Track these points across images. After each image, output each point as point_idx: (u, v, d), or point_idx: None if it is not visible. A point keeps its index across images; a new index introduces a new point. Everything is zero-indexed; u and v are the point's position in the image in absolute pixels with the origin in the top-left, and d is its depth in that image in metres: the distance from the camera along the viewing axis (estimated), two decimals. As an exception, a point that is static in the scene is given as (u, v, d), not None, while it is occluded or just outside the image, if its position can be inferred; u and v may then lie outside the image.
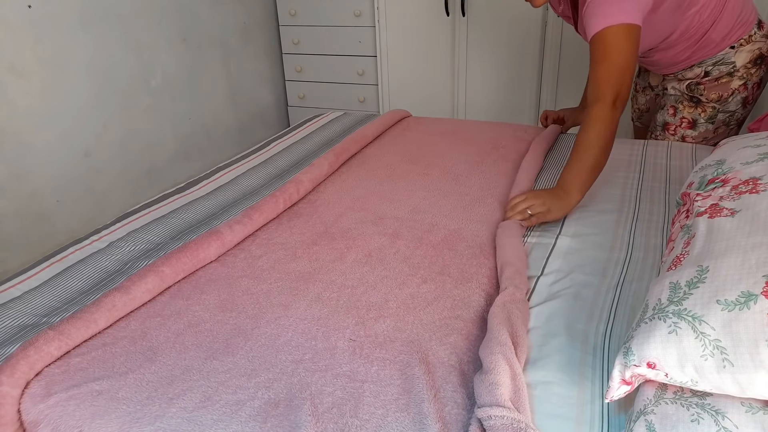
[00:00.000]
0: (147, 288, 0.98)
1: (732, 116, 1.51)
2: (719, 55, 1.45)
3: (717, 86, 1.47)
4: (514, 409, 0.70)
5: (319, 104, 3.13)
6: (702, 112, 1.50)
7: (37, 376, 0.82)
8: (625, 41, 1.23)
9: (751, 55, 1.44)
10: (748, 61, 1.44)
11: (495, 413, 0.68)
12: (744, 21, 1.44)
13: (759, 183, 0.81)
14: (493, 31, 2.59)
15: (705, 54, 1.47)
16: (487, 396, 0.71)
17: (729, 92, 1.47)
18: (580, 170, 1.21)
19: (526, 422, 0.68)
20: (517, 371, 0.76)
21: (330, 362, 0.83)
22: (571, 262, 1.07)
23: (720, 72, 1.47)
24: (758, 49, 1.44)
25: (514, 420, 0.68)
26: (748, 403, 0.64)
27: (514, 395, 0.73)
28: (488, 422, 0.68)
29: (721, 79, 1.47)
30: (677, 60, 1.52)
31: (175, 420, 0.74)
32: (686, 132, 1.53)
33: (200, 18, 2.59)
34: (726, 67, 1.46)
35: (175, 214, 1.32)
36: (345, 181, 1.48)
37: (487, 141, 1.70)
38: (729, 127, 1.54)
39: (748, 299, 0.63)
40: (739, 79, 1.46)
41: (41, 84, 1.93)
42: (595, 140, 1.22)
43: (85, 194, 2.14)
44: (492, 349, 0.79)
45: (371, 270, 1.06)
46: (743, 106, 1.51)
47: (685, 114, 1.51)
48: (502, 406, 0.69)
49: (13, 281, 1.08)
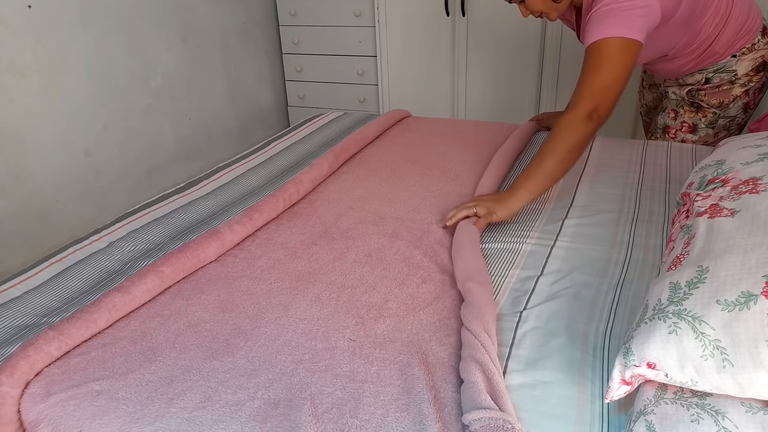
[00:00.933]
0: (147, 288, 0.98)
1: (733, 121, 1.50)
2: (721, 63, 1.44)
3: (718, 93, 1.46)
4: (494, 408, 0.69)
5: (319, 104, 3.13)
6: (703, 117, 1.48)
7: (37, 376, 0.82)
8: (621, 55, 1.19)
9: (753, 63, 1.42)
10: (751, 69, 1.42)
11: (474, 417, 0.69)
12: (748, 29, 1.42)
13: (759, 183, 0.81)
14: (493, 31, 2.59)
15: (708, 63, 1.46)
16: (467, 402, 0.72)
17: (730, 98, 1.45)
18: (533, 173, 1.19)
19: (504, 418, 0.68)
20: (488, 367, 0.76)
21: (330, 362, 0.83)
22: (571, 262, 1.07)
23: (721, 79, 1.45)
24: (761, 57, 1.42)
25: (491, 419, 0.68)
26: (748, 403, 0.64)
27: (493, 392, 0.72)
28: (473, 426, 0.68)
29: (722, 86, 1.46)
30: (680, 70, 1.51)
31: (175, 420, 0.74)
32: (686, 136, 1.52)
33: (200, 18, 2.59)
34: (727, 75, 1.44)
35: (175, 214, 1.32)
36: (345, 181, 1.48)
37: (488, 141, 1.70)
38: (730, 132, 1.53)
39: (748, 299, 0.63)
40: (741, 87, 1.44)
41: (41, 84, 1.93)
42: (558, 146, 1.18)
43: (85, 194, 2.14)
44: (462, 355, 0.80)
45: (371, 270, 1.06)
46: (744, 111, 1.49)
47: (686, 118, 1.49)
48: (481, 407, 0.69)
49: (13, 281, 1.08)
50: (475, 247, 1.09)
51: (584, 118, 1.18)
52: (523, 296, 0.98)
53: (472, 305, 0.89)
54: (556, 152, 1.18)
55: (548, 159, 1.18)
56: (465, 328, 0.85)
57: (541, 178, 1.18)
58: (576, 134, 1.18)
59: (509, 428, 0.67)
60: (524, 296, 0.98)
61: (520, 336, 0.88)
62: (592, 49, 1.22)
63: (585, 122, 1.18)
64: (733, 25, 1.40)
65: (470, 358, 0.78)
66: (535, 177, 1.18)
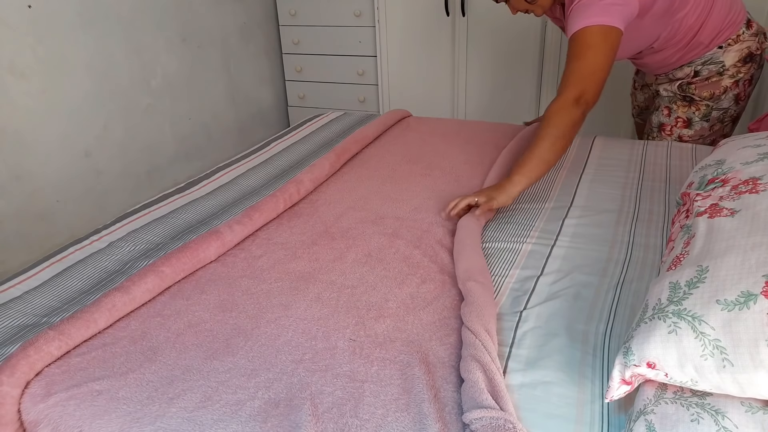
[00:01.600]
0: (147, 288, 0.98)
1: (726, 113, 1.52)
2: (707, 54, 1.47)
3: (708, 85, 1.49)
4: (495, 407, 0.70)
5: (319, 104, 3.13)
6: (696, 111, 1.51)
7: (37, 376, 0.82)
8: (603, 42, 1.23)
9: (740, 54, 1.45)
10: (738, 60, 1.46)
11: (475, 416, 0.69)
12: (732, 21, 1.45)
13: (759, 183, 0.81)
14: (493, 31, 2.59)
15: (694, 55, 1.49)
16: (468, 401, 0.72)
17: (721, 90, 1.48)
18: (527, 160, 1.23)
19: (505, 418, 0.68)
20: (488, 367, 0.76)
21: (330, 362, 0.83)
22: (571, 262, 1.07)
23: (710, 71, 1.48)
24: (747, 47, 1.46)
25: (493, 419, 0.68)
26: (748, 403, 0.64)
27: (494, 392, 0.73)
28: (474, 426, 0.68)
29: (711, 78, 1.49)
30: (667, 63, 1.53)
31: (175, 420, 0.74)
32: (682, 131, 1.54)
33: (200, 18, 2.59)
34: (715, 67, 1.47)
35: (175, 214, 1.32)
36: (346, 181, 1.48)
37: (488, 141, 1.70)
38: (724, 124, 1.55)
39: (748, 299, 0.63)
40: (730, 78, 1.48)
41: (41, 84, 1.93)
42: (549, 132, 1.22)
43: (85, 194, 2.14)
44: (462, 355, 0.80)
45: (371, 270, 1.06)
46: (736, 103, 1.52)
47: (680, 113, 1.52)
48: (482, 406, 0.70)
49: (13, 281, 1.08)
50: (476, 247, 1.09)
51: (572, 104, 1.23)
52: (523, 296, 0.98)
53: (473, 305, 0.89)
54: (547, 138, 1.23)
55: (540, 145, 1.23)
56: (465, 327, 0.85)
57: (536, 163, 1.22)
58: (565, 119, 1.23)
59: (510, 428, 0.67)
60: (524, 296, 0.98)
61: (520, 336, 0.88)
62: (574, 38, 1.27)
63: (573, 107, 1.23)
64: (716, 16, 1.43)
65: (471, 357, 0.78)
66: (530, 163, 1.23)
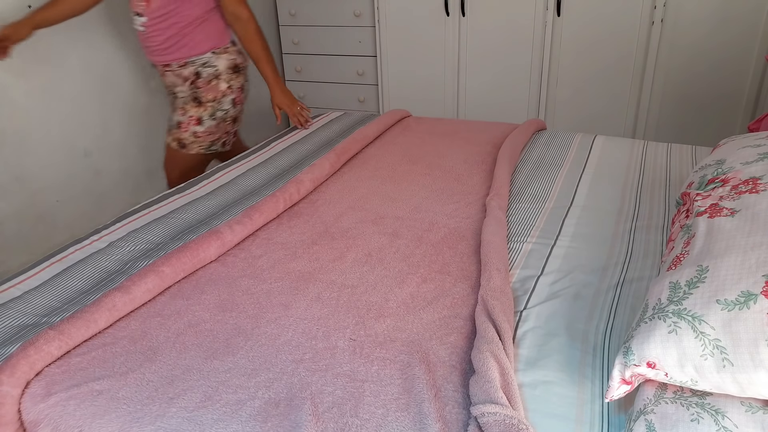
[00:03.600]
0: (147, 288, 0.98)
1: (227, 113, 1.87)
2: (205, 57, 1.79)
3: (210, 88, 1.81)
4: (508, 406, 0.70)
5: (319, 104, 3.13)
6: (204, 111, 1.82)
7: (37, 375, 0.83)
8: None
9: (228, 63, 1.83)
10: (228, 67, 1.83)
11: (488, 410, 0.69)
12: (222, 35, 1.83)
13: (759, 183, 0.81)
14: (492, 31, 2.59)
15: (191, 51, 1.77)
16: (480, 394, 0.72)
17: (220, 94, 1.83)
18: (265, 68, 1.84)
19: (518, 418, 0.68)
20: (506, 367, 0.76)
21: (330, 362, 0.83)
22: (571, 261, 1.07)
23: (209, 74, 1.81)
24: (233, 59, 1.85)
25: (507, 416, 0.68)
26: (748, 403, 0.64)
27: (507, 391, 0.73)
28: (482, 419, 0.69)
29: (211, 81, 1.81)
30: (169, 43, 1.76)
31: (175, 420, 0.74)
32: (195, 128, 1.84)
33: (200, 18, 2.58)
34: (212, 69, 1.81)
35: (175, 214, 1.32)
36: (347, 181, 1.48)
37: (488, 141, 1.70)
38: (226, 123, 1.89)
39: (748, 299, 0.63)
40: (225, 83, 1.83)
41: (41, 84, 1.93)
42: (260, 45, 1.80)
43: (85, 194, 2.14)
44: (480, 348, 0.80)
45: (371, 269, 1.06)
46: (233, 106, 1.88)
47: (193, 113, 1.82)
48: (495, 402, 0.70)
49: (13, 281, 1.08)
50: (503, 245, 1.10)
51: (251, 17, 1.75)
52: (524, 296, 0.98)
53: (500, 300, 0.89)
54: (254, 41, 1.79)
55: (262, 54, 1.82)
56: (487, 317, 0.85)
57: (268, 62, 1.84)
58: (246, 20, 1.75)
59: (523, 429, 0.67)
60: (524, 296, 0.98)
61: (520, 335, 0.88)
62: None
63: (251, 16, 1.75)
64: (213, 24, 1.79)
65: (489, 353, 0.78)
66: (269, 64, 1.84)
